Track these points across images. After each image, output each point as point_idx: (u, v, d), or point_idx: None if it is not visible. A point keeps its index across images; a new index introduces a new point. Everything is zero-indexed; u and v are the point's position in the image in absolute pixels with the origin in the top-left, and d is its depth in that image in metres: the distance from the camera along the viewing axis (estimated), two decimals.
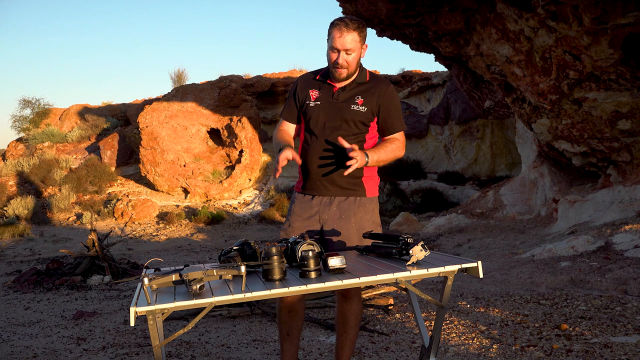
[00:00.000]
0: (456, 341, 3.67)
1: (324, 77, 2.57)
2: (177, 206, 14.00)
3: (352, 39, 2.38)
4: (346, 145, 2.35)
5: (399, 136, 2.57)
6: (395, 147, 2.52)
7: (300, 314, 2.58)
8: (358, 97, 2.50)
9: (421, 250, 2.02)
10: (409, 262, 2.03)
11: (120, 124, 17.54)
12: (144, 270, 2.30)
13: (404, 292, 3.92)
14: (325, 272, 2.02)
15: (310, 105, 2.54)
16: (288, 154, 2.41)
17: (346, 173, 2.34)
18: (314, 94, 2.55)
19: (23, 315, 5.16)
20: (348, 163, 2.30)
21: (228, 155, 15.47)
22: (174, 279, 1.86)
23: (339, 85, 2.52)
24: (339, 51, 2.40)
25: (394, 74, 18.08)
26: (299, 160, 2.49)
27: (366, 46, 2.48)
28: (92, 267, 7.01)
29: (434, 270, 1.99)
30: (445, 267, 1.99)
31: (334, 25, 2.41)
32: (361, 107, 2.49)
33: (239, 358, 3.58)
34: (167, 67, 53.72)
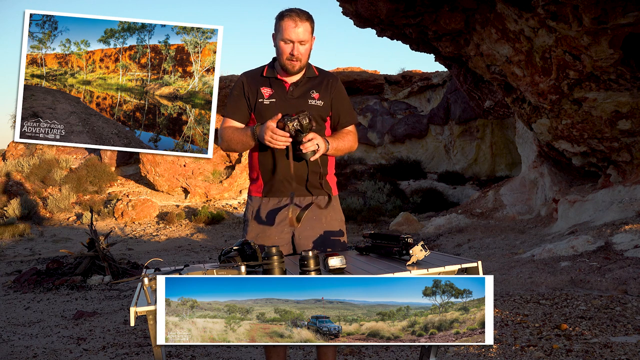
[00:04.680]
0: None
1: (271, 73, 2.43)
2: (177, 206, 14.01)
3: (305, 30, 2.31)
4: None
5: (352, 129, 2.54)
6: (351, 139, 2.48)
7: None
8: (313, 92, 2.42)
9: (421, 250, 2.02)
10: (409, 262, 2.03)
11: None
12: (144, 270, 2.30)
13: None
14: (325, 272, 2.01)
15: (265, 103, 2.40)
16: (274, 120, 2.22)
17: (313, 158, 2.25)
18: (265, 91, 2.41)
19: (23, 315, 5.16)
20: (309, 149, 2.20)
21: (228, 155, 15.48)
22: None
23: (290, 80, 2.41)
24: (292, 42, 2.31)
25: (394, 74, 18.08)
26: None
27: (314, 38, 2.38)
28: (92, 267, 7.02)
29: (434, 270, 1.99)
30: (445, 267, 1.99)
31: (284, 16, 2.31)
32: (318, 102, 2.42)
33: (239, 358, 3.58)
34: None
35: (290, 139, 2.22)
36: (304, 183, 2.42)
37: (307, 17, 2.33)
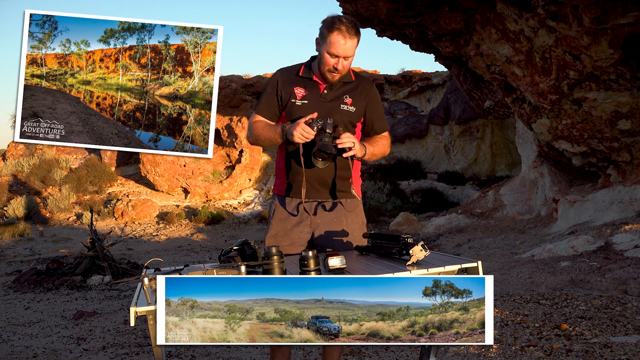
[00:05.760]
0: None
1: (307, 73, 2.43)
2: (177, 206, 14.01)
3: (352, 45, 2.30)
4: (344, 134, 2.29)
5: (386, 134, 2.56)
6: (385, 144, 2.51)
7: None
8: (346, 97, 2.42)
9: (421, 250, 2.02)
10: (409, 262, 2.03)
11: None
12: (144, 270, 2.30)
13: None
14: (325, 272, 2.01)
15: (297, 104, 2.40)
16: (308, 116, 2.27)
17: (346, 155, 2.26)
18: (299, 91, 2.41)
19: (23, 315, 5.16)
20: (345, 145, 2.24)
21: (228, 155, 15.47)
22: None
23: (325, 83, 2.42)
24: (338, 57, 2.30)
25: (394, 74, 18.08)
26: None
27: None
28: (92, 267, 7.02)
29: (434, 270, 1.98)
30: (445, 267, 1.99)
31: (334, 28, 2.27)
32: (350, 107, 2.42)
33: (239, 358, 3.59)
34: None
35: (314, 135, 2.25)
36: (329, 186, 2.43)
37: (356, 31, 2.30)
